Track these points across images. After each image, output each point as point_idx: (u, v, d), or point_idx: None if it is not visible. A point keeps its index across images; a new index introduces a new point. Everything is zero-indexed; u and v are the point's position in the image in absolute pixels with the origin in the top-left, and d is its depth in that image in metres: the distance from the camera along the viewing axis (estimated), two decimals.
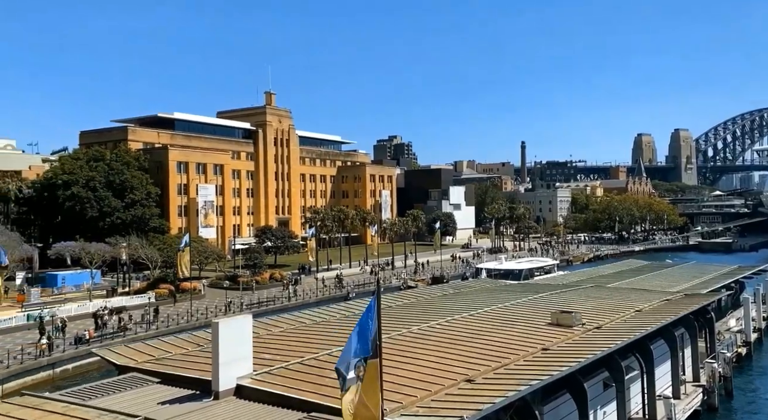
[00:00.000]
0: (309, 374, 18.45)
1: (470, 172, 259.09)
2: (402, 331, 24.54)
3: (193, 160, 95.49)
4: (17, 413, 14.89)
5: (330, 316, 29.86)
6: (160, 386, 18.29)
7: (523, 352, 21.39)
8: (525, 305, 31.89)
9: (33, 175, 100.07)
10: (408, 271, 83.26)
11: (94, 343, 39.58)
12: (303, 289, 66.30)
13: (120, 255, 62.57)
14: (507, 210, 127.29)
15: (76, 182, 77.36)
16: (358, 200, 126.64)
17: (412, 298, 35.85)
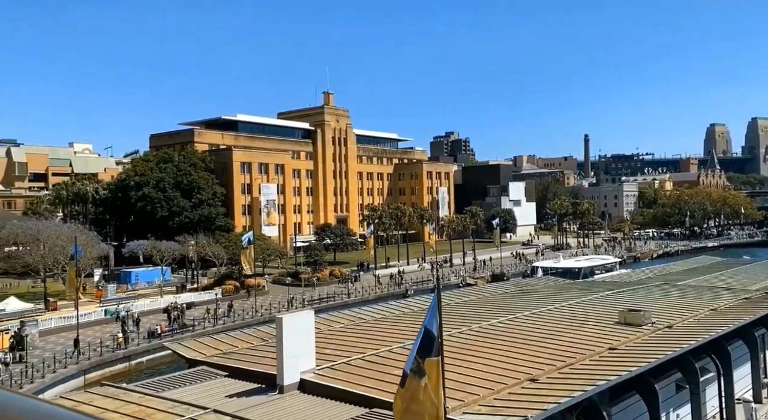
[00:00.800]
0: (370, 370, 18.60)
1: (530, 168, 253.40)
2: (462, 329, 24.32)
3: (255, 161, 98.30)
4: (98, 402, 15.81)
5: (389, 312, 29.97)
6: (227, 379, 18.93)
7: (588, 352, 20.71)
8: (590, 304, 30.89)
9: (108, 177, 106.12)
10: (467, 269, 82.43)
11: (166, 337, 41.49)
12: (362, 286, 66.93)
13: (188, 253, 65.24)
14: (570, 206, 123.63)
15: (147, 183, 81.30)
16: (415, 197, 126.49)
17: (471, 296, 35.46)
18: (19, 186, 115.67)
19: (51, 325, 43.90)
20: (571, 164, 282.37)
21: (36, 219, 66.20)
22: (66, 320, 43.92)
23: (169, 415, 14.65)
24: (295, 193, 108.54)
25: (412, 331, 23.69)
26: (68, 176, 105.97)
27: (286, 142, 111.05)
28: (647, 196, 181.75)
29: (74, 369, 35.85)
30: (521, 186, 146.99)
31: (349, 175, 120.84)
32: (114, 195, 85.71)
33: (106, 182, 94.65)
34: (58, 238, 53.26)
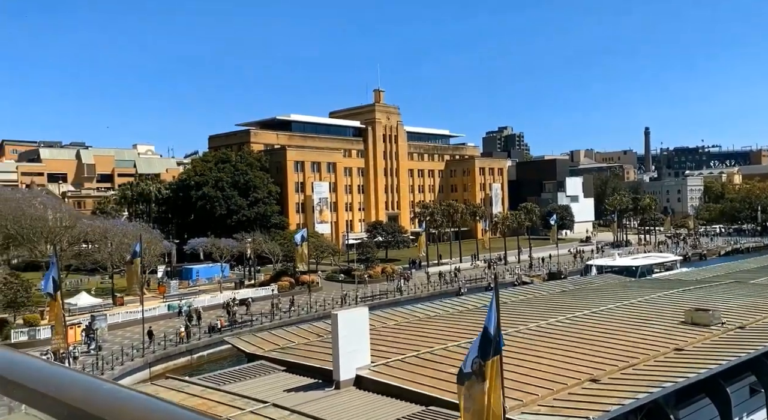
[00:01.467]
0: (426, 368, 18.54)
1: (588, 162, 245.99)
2: (519, 328, 23.90)
3: (308, 160, 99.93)
4: (163, 394, 16.46)
5: (443, 310, 29.81)
6: (285, 374, 19.31)
7: (653, 352, 19.92)
8: (653, 303, 29.70)
9: (170, 178, 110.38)
10: (522, 267, 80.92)
11: (225, 331, 42.76)
12: (414, 284, 66.89)
13: (245, 250, 67.04)
14: (630, 201, 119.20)
15: (207, 183, 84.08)
16: (467, 194, 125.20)
17: (528, 294, 34.81)
18: (88, 186, 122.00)
19: (118, 319, 46.06)
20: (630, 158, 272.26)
21: (104, 218, 69.56)
22: (132, 315, 45.98)
23: (231, 408, 15.08)
24: (347, 191, 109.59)
25: (467, 329, 23.48)
26: (133, 177, 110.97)
27: (337, 140, 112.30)
28: (714, 190, 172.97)
29: (140, 362, 37.50)
30: (578, 181, 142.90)
31: (400, 173, 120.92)
32: (175, 194, 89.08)
33: (168, 182, 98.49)
34: (124, 236, 55.79)
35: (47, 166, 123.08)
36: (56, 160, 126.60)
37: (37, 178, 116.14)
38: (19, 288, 44.28)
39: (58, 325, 24.77)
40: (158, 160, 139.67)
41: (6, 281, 46.05)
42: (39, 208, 60.05)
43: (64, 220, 59.92)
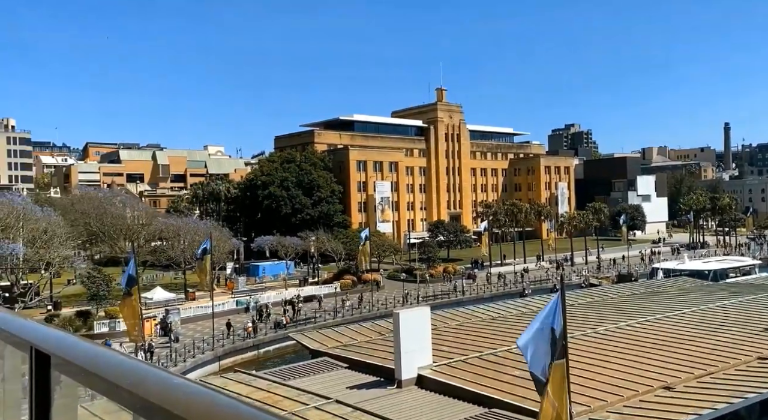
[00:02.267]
0: (488, 369, 18.28)
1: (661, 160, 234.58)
2: (587, 331, 23.11)
3: (370, 159, 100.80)
4: (232, 387, 17.08)
5: (506, 311, 29.29)
6: (347, 371, 19.57)
7: (733, 361, 18.74)
8: (733, 308, 27.93)
9: (238, 177, 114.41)
10: (589, 268, 78.20)
11: (290, 327, 43.84)
12: (476, 284, 66.09)
13: (309, 248, 68.47)
14: (707, 201, 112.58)
15: (273, 182, 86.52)
16: (532, 193, 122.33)
17: (596, 297, 33.61)
18: (163, 186, 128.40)
19: (190, 313, 48.17)
20: (708, 156, 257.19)
21: (177, 216, 72.94)
22: (202, 309, 47.98)
23: (295, 403, 15.43)
24: (409, 190, 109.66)
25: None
26: (204, 177, 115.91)
27: (399, 139, 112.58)
28: None
29: (211, 355, 39.07)
30: (651, 180, 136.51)
31: (463, 172, 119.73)
32: (243, 194, 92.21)
33: (236, 182, 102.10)
34: (195, 234, 58.31)
35: (126, 167, 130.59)
36: (134, 161, 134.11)
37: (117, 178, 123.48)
38: (101, 282, 47.21)
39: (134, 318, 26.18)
40: (227, 161, 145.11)
41: (89, 275, 49.22)
42: (119, 206, 63.84)
43: (141, 218, 63.39)
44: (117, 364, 1.43)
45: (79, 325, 42.88)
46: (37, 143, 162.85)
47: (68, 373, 1.57)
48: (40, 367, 1.64)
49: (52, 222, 49.62)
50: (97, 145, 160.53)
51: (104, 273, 49.32)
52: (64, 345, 1.62)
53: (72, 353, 1.54)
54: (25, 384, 1.78)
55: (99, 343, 6.14)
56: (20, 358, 1.82)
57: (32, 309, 46.94)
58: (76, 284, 54.66)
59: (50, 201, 77.62)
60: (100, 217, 61.63)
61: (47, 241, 47.15)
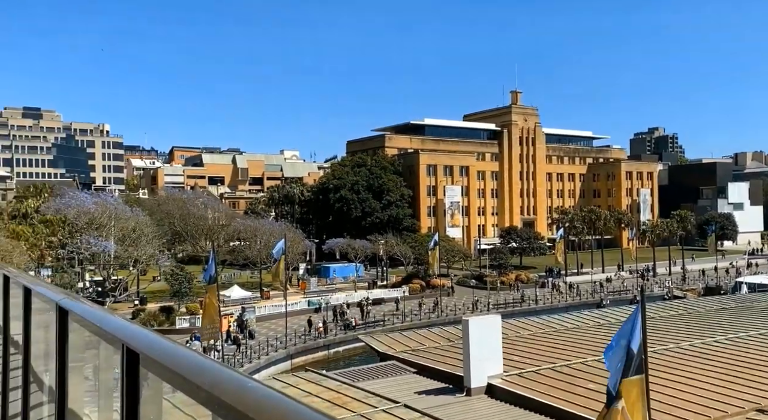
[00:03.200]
0: (561, 381, 17.63)
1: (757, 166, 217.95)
2: (669, 346, 21.78)
3: (440, 163, 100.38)
4: (303, 386, 17.46)
5: (582, 322, 28.15)
6: (416, 376, 19.48)
7: None
8: None
9: (311, 181, 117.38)
10: (673, 280, 73.93)
11: (359, 329, 44.34)
12: (551, 293, 64.13)
13: (378, 251, 69.06)
14: None
15: (344, 186, 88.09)
16: (611, 200, 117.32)
17: (680, 310, 31.64)
18: (242, 189, 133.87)
19: (265, 312, 49.79)
20: None
21: (254, 218, 75.79)
22: (276, 308, 49.45)
23: (363, 405, 15.54)
24: (480, 194, 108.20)
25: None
26: (279, 180, 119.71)
27: (471, 143, 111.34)
28: None
29: (283, 353, 40.21)
30: (744, 187, 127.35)
31: (537, 176, 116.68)
32: (316, 197, 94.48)
33: (309, 185, 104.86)
34: (271, 235, 60.32)
35: (208, 170, 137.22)
36: (216, 164, 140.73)
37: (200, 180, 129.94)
38: (183, 279, 49.77)
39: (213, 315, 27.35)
40: (302, 165, 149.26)
41: (173, 273, 52.04)
42: (201, 208, 67.09)
43: (221, 219, 66.30)
44: (198, 365, 1.49)
45: (162, 320, 45.38)
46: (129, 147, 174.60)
47: (154, 371, 1.67)
48: (130, 363, 1.77)
49: (140, 221, 52.93)
50: (182, 148, 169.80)
51: (186, 271, 51.94)
52: (151, 345, 1.72)
53: (158, 353, 1.64)
54: (116, 376, 1.93)
55: (187, 339, 6.41)
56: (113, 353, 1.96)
57: (121, 303, 50.25)
58: (160, 281, 57.92)
59: (139, 201, 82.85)
60: (183, 218, 65.06)
61: (135, 240, 50.32)
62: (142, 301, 51.93)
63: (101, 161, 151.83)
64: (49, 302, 2.90)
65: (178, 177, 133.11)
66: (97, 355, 2.47)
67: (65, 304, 2.66)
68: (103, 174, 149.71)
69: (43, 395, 3.41)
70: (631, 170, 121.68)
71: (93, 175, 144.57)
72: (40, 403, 3.44)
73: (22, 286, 3.64)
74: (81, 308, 2.50)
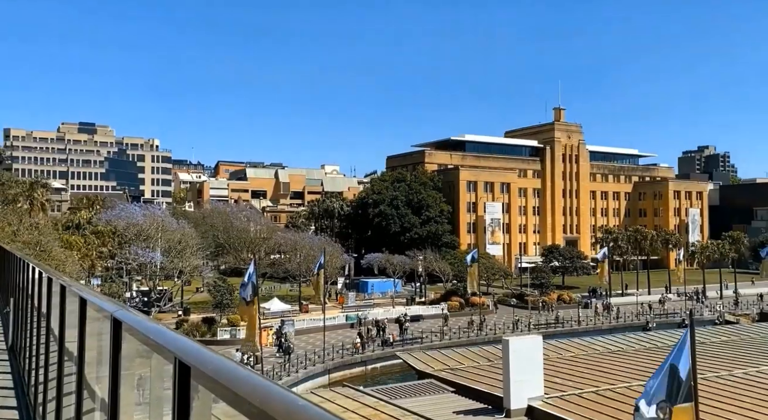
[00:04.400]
0: (605, 406, 17.09)
1: None
2: (720, 373, 20.84)
3: (481, 180, 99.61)
4: (340, 401, 17.45)
5: (627, 345, 27.30)
6: (454, 395, 19.21)
7: None
8: None
9: (351, 196, 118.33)
10: (725, 304, 70.74)
11: (397, 346, 44.05)
12: (594, 314, 62.32)
13: (417, 267, 68.72)
14: None
15: (383, 201, 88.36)
16: (658, 219, 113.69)
17: (732, 336, 30.29)
18: (283, 202, 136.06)
19: (304, 325, 50.07)
20: None
21: (294, 231, 76.76)
22: (314, 322, 49.67)
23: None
24: (521, 212, 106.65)
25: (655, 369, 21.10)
26: (320, 194, 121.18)
27: (512, 160, 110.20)
28: None
29: (321, 368, 40.28)
30: None
31: (581, 194, 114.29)
32: (355, 211, 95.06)
33: (349, 200, 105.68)
34: (311, 249, 60.92)
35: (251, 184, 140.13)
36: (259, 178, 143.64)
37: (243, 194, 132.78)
38: (225, 291, 50.69)
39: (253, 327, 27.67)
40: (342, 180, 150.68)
41: (215, 284, 53.10)
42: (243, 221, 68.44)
43: (263, 232, 67.44)
44: (248, 380, 1.52)
45: (204, 330, 46.22)
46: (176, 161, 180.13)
47: (204, 384, 1.71)
48: (182, 376, 1.81)
49: (186, 233, 54.38)
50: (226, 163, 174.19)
51: (228, 283, 52.90)
52: (202, 359, 1.76)
53: (209, 367, 1.68)
54: (167, 388, 1.98)
55: (234, 353, 6.49)
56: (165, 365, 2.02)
57: (165, 313, 51.51)
58: (203, 292, 59.12)
59: (185, 214, 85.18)
60: (226, 230, 66.50)
61: (181, 251, 51.66)
62: (185, 312, 53.06)
63: (150, 175, 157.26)
64: (104, 313, 3.02)
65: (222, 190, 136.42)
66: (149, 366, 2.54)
67: (120, 315, 2.75)
68: (152, 187, 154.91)
69: (94, 403, 3.53)
70: (680, 189, 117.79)
71: (142, 188, 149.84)
72: (92, 409, 3.56)
73: (78, 297, 3.80)
74: (135, 320, 2.59)
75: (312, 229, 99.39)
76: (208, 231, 66.58)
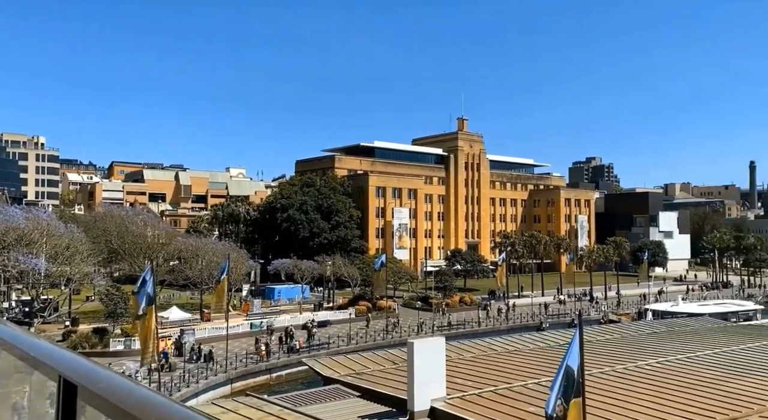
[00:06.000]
0: (503, 404, 17.91)
1: (684, 197, 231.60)
2: (605, 369, 22.55)
3: (389, 185, 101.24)
4: (243, 411, 16.95)
5: (523, 345, 28.78)
6: (359, 400, 19.31)
7: (757, 407, 18.09)
8: (761, 351, 27.08)
9: (258, 200, 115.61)
10: (609, 304, 76.78)
11: (303, 352, 43.56)
12: (492, 315, 65.26)
13: (325, 272, 68.44)
14: (732, 239, 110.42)
15: (292, 206, 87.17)
16: (551, 225, 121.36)
17: (615, 334, 32.90)
18: (184, 206, 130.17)
19: (205, 334, 48.15)
20: (732, 194, 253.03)
21: (196, 236, 73.71)
22: (217, 331, 47.97)
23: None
24: (427, 217, 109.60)
25: (548, 367, 22.46)
26: (224, 198, 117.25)
27: (419, 167, 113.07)
28: None
29: (222, 377, 38.91)
30: (673, 216, 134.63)
31: (482, 201, 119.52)
32: (262, 216, 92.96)
33: (256, 204, 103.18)
34: (214, 255, 58.75)
35: (149, 186, 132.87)
36: (157, 180, 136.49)
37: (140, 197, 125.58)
38: (119, 300, 47.61)
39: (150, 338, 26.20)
40: (248, 183, 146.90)
41: (108, 293, 49.72)
42: (140, 225, 64.68)
43: (161, 237, 64.09)
44: (142, 398, 1.45)
45: (95, 342, 43.14)
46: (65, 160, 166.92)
47: (94, 405, 1.60)
48: (67, 395, 1.68)
49: (75, 238, 50.45)
50: (122, 163, 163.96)
51: (122, 291, 49.78)
52: (91, 375, 1.65)
53: (99, 385, 1.57)
54: (49, 408, 1.83)
55: (130, 365, 6.08)
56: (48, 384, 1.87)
57: (50, 324, 47.46)
58: (94, 301, 55.19)
59: (74, 217, 79.08)
60: (121, 235, 62.56)
61: (69, 257, 47.86)
62: (73, 322, 49.24)
63: (34, 174, 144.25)
64: None
65: (117, 193, 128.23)
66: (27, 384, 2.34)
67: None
68: (36, 188, 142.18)
69: None
70: (570, 197, 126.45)
71: (25, 189, 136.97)
72: None
73: None
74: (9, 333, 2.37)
75: (216, 234, 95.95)
76: (101, 236, 62.28)
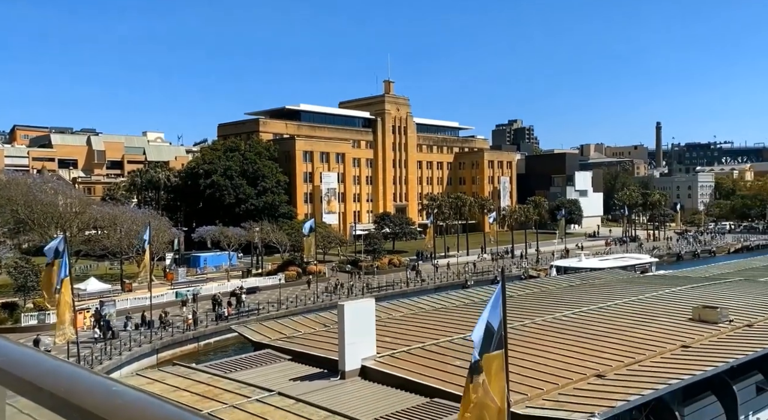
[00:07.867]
0: (430, 360, 18.63)
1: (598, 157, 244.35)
2: (525, 321, 23.90)
3: (317, 150, 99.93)
4: (170, 380, 16.64)
5: (449, 303, 29.87)
6: (291, 363, 19.44)
7: (659, 349, 19.88)
8: (662, 299, 29.60)
9: (179, 165, 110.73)
10: (529, 261, 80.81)
11: (232, 319, 43.05)
12: (420, 276, 67.02)
13: (253, 239, 67.32)
14: (640, 196, 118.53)
15: (215, 171, 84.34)
16: (476, 187, 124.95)
17: (535, 288, 34.78)
18: (98, 173, 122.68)
19: (127, 305, 46.40)
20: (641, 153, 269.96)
21: (113, 204, 69.93)
22: (140, 301, 46.33)
23: (236, 396, 15.20)
24: (355, 181, 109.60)
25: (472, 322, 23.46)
26: (142, 164, 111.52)
27: (347, 131, 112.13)
28: (725, 186, 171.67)
29: (148, 348, 37.84)
30: (588, 175, 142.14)
31: (409, 164, 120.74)
32: (184, 182, 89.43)
33: (177, 170, 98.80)
34: (133, 223, 56.13)
35: (58, 152, 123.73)
36: (67, 145, 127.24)
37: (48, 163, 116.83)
38: (30, 272, 44.76)
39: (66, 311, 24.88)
40: (167, 148, 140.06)
41: (17, 265, 46.57)
42: (50, 193, 60.43)
43: (75, 205, 60.29)
44: (50, 369, 1.37)
45: (4, 317, 40.61)
46: None
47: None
48: None
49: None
50: (25, 128, 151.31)
51: (33, 263, 46.78)
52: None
53: (3, 358, 1.47)
54: None
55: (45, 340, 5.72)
56: None
57: None
58: (2, 274, 51.65)
59: None
60: (28, 204, 58.22)
61: None
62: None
63: None
64: None
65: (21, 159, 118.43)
66: None
67: None
68: None
69: None
70: (493, 159, 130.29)
71: None
72: None
73: None
74: None
75: (134, 201, 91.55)
76: (5, 205, 57.72)
